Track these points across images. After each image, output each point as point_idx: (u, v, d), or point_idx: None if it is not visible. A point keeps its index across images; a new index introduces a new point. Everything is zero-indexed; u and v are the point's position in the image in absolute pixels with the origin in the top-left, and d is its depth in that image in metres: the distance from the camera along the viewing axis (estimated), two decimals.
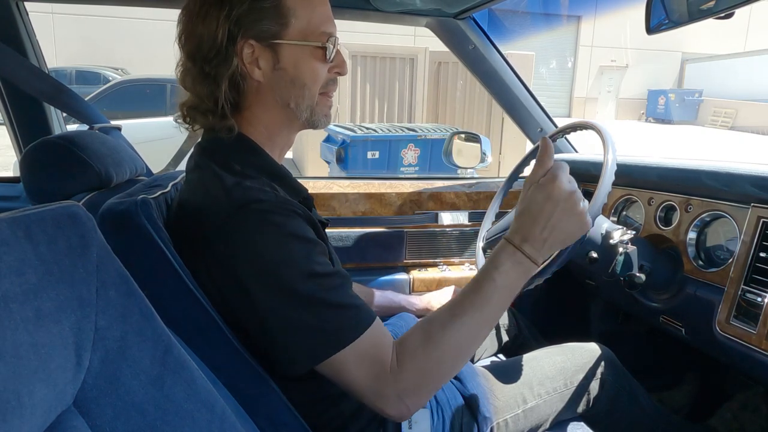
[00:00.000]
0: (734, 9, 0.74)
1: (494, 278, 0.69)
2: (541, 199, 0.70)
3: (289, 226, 0.65)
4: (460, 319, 0.67)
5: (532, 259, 0.70)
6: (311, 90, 0.74)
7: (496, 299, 0.69)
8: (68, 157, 0.83)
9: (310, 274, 0.64)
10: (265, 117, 0.75)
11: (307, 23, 0.72)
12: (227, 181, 0.68)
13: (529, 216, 0.71)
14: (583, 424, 0.98)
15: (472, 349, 0.69)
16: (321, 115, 0.77)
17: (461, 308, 0.68)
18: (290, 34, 0.71)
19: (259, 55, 0.71)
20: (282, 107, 0.75)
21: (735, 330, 0.92)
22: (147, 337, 0.43)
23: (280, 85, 0.73)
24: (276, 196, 0.67)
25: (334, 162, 5.08)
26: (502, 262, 0.70)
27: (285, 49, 0.72)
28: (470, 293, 0.70)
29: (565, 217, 0.70)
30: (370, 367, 0.64)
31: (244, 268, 0.63)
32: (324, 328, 0.63)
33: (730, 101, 16.43)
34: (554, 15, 18.16)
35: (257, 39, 0.70)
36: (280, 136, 0.78)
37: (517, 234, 0.71)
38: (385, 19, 1.46)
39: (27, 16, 1.32)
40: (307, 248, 0.65)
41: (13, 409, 0.31)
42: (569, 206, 0.70)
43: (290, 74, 0.73)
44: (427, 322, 0.69)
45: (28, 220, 0.37)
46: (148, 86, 5.81)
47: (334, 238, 1.43)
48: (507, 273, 0.70)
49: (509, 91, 1.54)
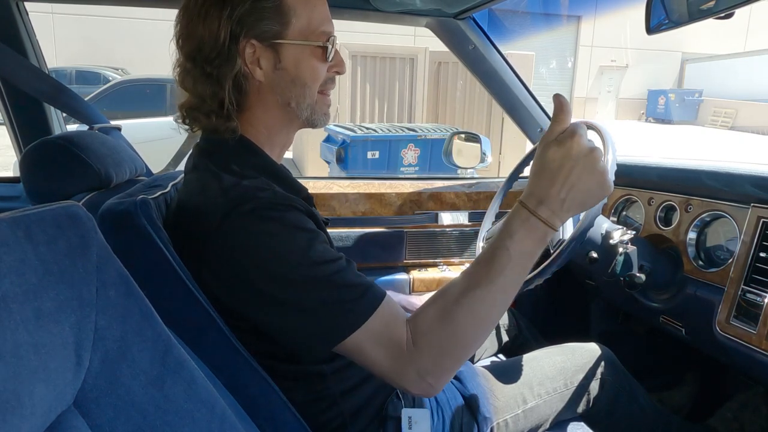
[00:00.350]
0: (734, 9, 0.74)
1: (508, 246, 0.64)
2: (560, 156, 0.65)
3: (288, 218, 0.65)
4: (474, 292, 0.63)
5: (548, 224, 0.65)
6: (311, 89, 0.75)
7: (511, 269, 0.64)
8: (68, 157, 0.83)
9: (314, 262, 0.63)
10: (266, 117, 0.75)
11: (308, 23, 0.72)
12: (225, 180, 0.68)
13: (546, 175, 0.65)
14: (583, 424, 0.98)
15: (490, 322, 0.66)
16: (320, 114, 0.78)
17: (475, 280, 0.64)
18: (291, 33, 0.72)
19: (260, 55, 0.71)
20: (282, 107, 0.75)
21: (735, 330, 0.92)
22: (147, 337, 0.43)
23: (281, 85, 0.73)
24: (274, 193, 0.67)
25: (334, 162, 5.08)
26: (516, 228, 0.65)
27: (286, 48, 0.72)
28: (483, 263, 0.65)
29: (585, 175, 0.64)
30: (386, 346, 0.63)
31: (247, 264, 0.63)
32: (335, 310, 0.62)
33: (730, 101, 16.43)
34: (554, 15, 18.15)
35: (259, 39, 0.70)
36: (279, 135, 0.78)
37: (533, 196, 0.66)
38: (385, 19, 1.46)
39: (27, 16, 1.32)
40: (308, 237, 0.65)
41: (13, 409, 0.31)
42: (590, 163, 0.65)
43: (291, 74, 0.73)
44: (440, 295, 0.65)
45: (28, 220, 0.37)
46: (148, 86, 5.81)
47: (334, 238, 1.43)
48: (522, 241, 0.64)
49: (509, 91, 1.54)
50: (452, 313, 0.63)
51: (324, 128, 5.40)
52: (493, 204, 1.25)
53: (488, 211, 1.25)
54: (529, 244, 0.65)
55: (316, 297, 0.62)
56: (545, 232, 0.65)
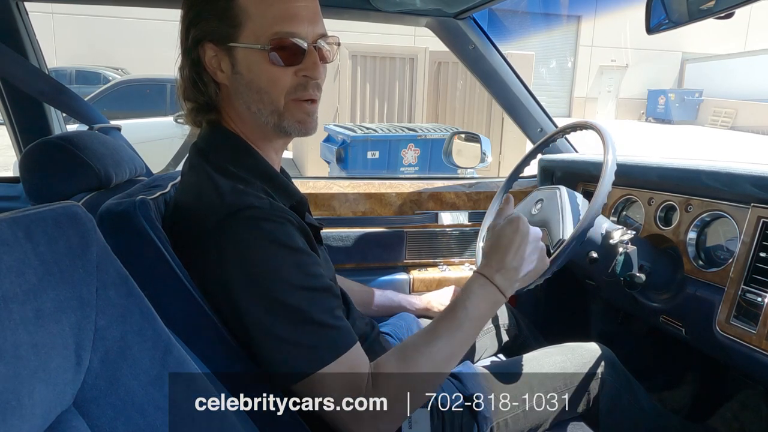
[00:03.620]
0: (734, 9, 0.74)
1: (466, 307, 0.74)
2: (510, 231, 0.79)
3: (281, 234, 0.65)
4: (434, 344, 0.70)
5: (501, 290, 0.76)
6: (271, 95, 0.70)
7: (467, 326, 0.73)
8: (68, 158, 0.83)
9: (297, 286, 0.64)
10: (239, 119, 0.74)
11: (260, 24, 0.68)
12: (221, 184, 0.68)
13: (499, 248, 0.78)
14: (583, 424, 0.98)
15: (445, 370, 0.72)
16: (293, 121, 0.72)
17: (435, 334, 0.71)
18: (243, 36, 0.69)
19: (221, 59, 0.71)
20: (247, 111, 0.73)
21: (735, 330, 0.92)
22: (147, 337, 0.43)
23: (239, 90, 0.71)
24: (270, 203, 0.67)
25: (334, 162, 5.08)
26: (474, 291, 0.76)
27: (239, 52, 0.69)
28: (444, 320, 0.74)
29: (530, 249, 0.79)
30: (345, 388, 0.64)
31: (233, 274, 0.63)
32: (303, 344, 0.63)
33: (730, 101, 16.42)
34: (554, 15, 18.14)
35: (214, 42, 0.70)
36: (260, 140, 0.75)
37: (488, 266, 0.77)
38: (385, 19, 1.46)
39: (27, 16, 1.32)
40: (296, 258, 0.65)
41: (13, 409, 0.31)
42: (534, 239, 0.80)
43: (246, 78, 0.70)
44: (402, 346, 0.71)
45: (28, 220, 0.37)
46: (148, 86, 5.81)
47: (334, 238, 1.43)
48: (478, 304, 0.75)
49: (509, 91, 1.54)
50: (412, 362, 0.68)
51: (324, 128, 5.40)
52: (493, 204, 1.24)
53: (488, 211, 1.25)
54: (484, 307, 0.76)
55: (287, 326, 0.63)
56: (498, 299, 0.77)
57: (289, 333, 0.62)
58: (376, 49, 6.57)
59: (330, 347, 0.64)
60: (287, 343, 0.63)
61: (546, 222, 1.07)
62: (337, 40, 0.75)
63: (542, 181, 1.59)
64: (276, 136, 0.75)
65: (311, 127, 0.74)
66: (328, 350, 0.64)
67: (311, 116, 0.73)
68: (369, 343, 0.87)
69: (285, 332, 0.62)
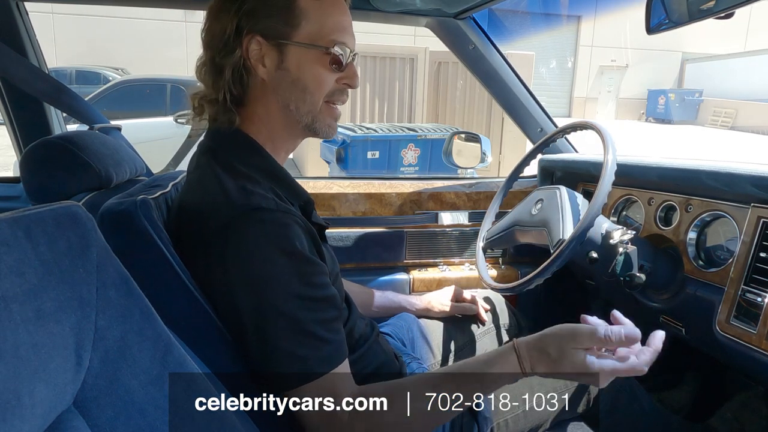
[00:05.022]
0: (734, 9, 0.74)
1: (483, 379, 0.69)
2: (581, 359, 0.67)
3: (287, 240, 0.65)
4: (426, 399, 0.66)
5: (525, 373, 0.69)
6: (313, 95, 0.74)
7: (467, 391, 0.67)
8: (68, 157, 0.83)
9: (296, 295, 0.64)
10: (267, 117, 0.75)
11: (319, 28, 0.72)
12: (229, 183, 0.68)
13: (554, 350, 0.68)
14: (583, 424, 0.98)
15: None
16: (324, 124, 0.76)
17: (431, 386, 0.67)
18: (299, 35, 0.71)
19: (265, 53, 0.71)
20: (283, 108, 0.74)
21: (735, 330, 0.92)
22: (147, 337, 0.43)
23: (282, 86, 0.73)
24: (277, 204, 0.67)
25: (334, 162, 5.08)
26: (504, 368, 0.69)
27: (290, 49, 0.72)
28: (447, 379, 0.69)
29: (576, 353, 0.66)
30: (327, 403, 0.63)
31: (234, 276, 0.63)
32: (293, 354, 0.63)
33: (730, 101, 16.42)
34: (554, 15, 18.15)
35: (265, 36, 0.71)
36: (281, 138, 0.77)
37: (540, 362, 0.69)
38: (385, 19, 1.46)
39: (27, 16, 1.32)
40: (300, 267, 0.65)
41: (13, 409, 0.31)
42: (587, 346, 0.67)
43: (292, 75, 0.73)
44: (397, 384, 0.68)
45: (28, 220, 0.37)
46: (148, 86, 5.81)
47: (334, 238, 1.43)
48: (497, 380, 0.69)
49: (509, 91, 1.54)
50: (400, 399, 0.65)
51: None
52: (493, 204, 1.25)
53: (488, 211, 1.25)
54: (499, 383, 0.69)
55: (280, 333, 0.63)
56: (516, 377, 0.69)
57: (281, 341, 0.63)
58: (376, 49, 6.56)
59: (320, 361, 0.64)
60: (278, 350, 0.63)
61: (546, 222, 1.07)
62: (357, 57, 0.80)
63: (542, 181, 1.59)
64: (300, 136, 0.79)
65: (336, 130, 0.80)
66: (317, 364, 0.64)
67: (337, 121, 0.79)
68: (369, 344, 0.87)
69: (277, 339, 0.63)
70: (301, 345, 0.64)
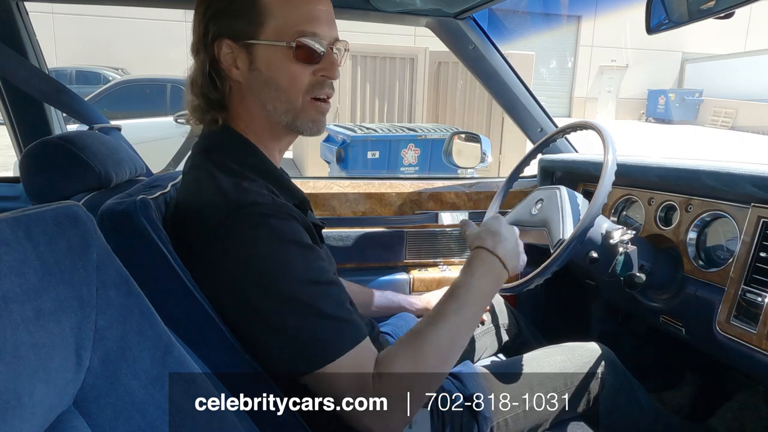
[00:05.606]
0: (734, 9, 0.74)
1: (471, 284, 0.74)
2: (495, 223, 0.85)
3: (287, 230, 0.65)
4: (440, 324, 0.69)
5: (504, 262, 0.78)
6: (288, 93, 0.72)
7: (473, 304, 0.73)
8: (68, 158, 0.83)
9: (306, 281, 0.63)
10: (249, 118, 0.75)
11: (284, 22, 0.69)
12: (224, 181, 0.68)
13: (490, 229, 0.82)
14: (583, 424, 0.98)
15: (452, 353, 0.70)
16: (307, 120, 0.74)
17: (440, 316, 0.70)
18: (265, 33, 0.70)
19: (237, 56, 0.71)
20: (261, 109, 0.73)
21: (735, 330, 0.92)
22: (147, 337, 0.43)
23: (256, 87, 0.72)
24: (273, 200, 0.67)
25: (334, 162, 5.08)
26: (476, 267, 0.77)
27: (259, 49, 0.70)
28: (447, 301, 0.73)
29: (514, 241, 0.84)
30: (355, 381, 0.63)
31: (240, 270, 0.63)
32: (314, 338, 0.62)
33: (730, 101, 16.42)
34: (554, 15, 18.14)
35: (233, 39, 0.70)
36: (268, 138, 0.76)
37: (485, 241, 0.80)
38: (385, 19, 1.46)
39: (27, 16, 1.32)
40: (303, 253, 0.65)
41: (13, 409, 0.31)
42: (515, 235, 0.85)
43: (264, 75, 0.71)
44: (409, 333, 0.70)
45: (28, 220, 0.37)
46: (148, 86, 5.81)
47: (334, 238, 1.43)
48: (482, 279, 0.76)
49: (509, 91, 1.54)
50: (420, 348, 0.67)
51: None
52: (493, 204, 1.25)
53: (488, 211, 1.25)
54: (489, 282, 0.77)
55: (298, 320, 0.62)
56: (501, 272, 0.78)
57: (300, 327, 0.62)
58: (376, 49, 6.56)
59: (342, 340, 0.63)
60: (298, 337, 0.62)
61: (546, 222, 1.07)
62: (347, 45, 0.77)
63: (542, 181, 1.59)
64: (285, 135, 0.77)
65: (323, 126, 0.76)
66: (340, 343, 0.63)
67: (324, 115, 0.76)
68: None
69: (296, 327, 0.62)
70: (321, 328, 0.63)
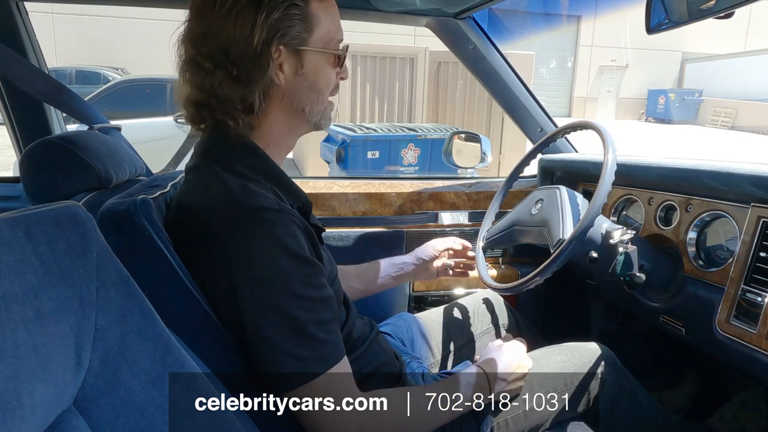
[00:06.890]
0: (734, 9, 0.74)
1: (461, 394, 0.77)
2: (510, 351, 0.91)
3: (290, 241, 0.65)
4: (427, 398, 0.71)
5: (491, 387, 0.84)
6: (324, 95, 0.76)
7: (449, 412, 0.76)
8: (68, 158, 0.83)
9: (299, 296, 0.64)
10: (278, 121, 0.75)
11: (327, 31, 0.74)
12: (230, 182, 0.68)
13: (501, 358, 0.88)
14: (583, 424, 0.98)
15: None
16: (327, 117, 0.79)
17: (431, 388, 0.75)
18: (314, 41, 0.73)
19: (283, 61, 0.71)
20: (296, 112, 0.76)
21: (735, 330, 0.92)
22: (147, 337, 0.43)
23: (298, 91, 0.74)
24: (279, 205, 0.67)
25: (334, 162, 5.08)
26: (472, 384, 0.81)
27: (308, 55, 0.73)
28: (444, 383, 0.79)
29: None
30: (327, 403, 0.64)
31: (238, 276, 0.63)
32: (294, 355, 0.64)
33: (730, 101, 16.42)
34: (554, 15, 18.14)
35: (285, 45, 0.71)
36: (287, 139, 0.79)
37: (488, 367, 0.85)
38: (385, 19, 1.46)
39: (27, 16, 1.32)
40: (302, 268, 0.66)
41: (13, 409, 0.31)
42: None
43: (309, 80, 0.74)
44: (398, 388, 0.76)
45: (28, 220, 0.37)
46: (148, 86, 5.81)
47: (334, 238, 1.43)
48: (469, 395, 0.79)
49: (509, 91, 1.54)
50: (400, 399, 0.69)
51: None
52: (493, 204, 1.25)
53: (488, 211, 1.25)
54: (469, 397, 0.80)
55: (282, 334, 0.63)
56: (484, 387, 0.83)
57: (283, 341, 0.63)
58: (376, 49, 6.56)
59: (318, 361, 0.65)
60: (281, 351, 0.63)
61: (546, 222, 1.07)
62: None
63: (542, 181, 1.59)
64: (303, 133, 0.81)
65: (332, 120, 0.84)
66: (315, 364, 0.65)
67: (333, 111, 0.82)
68: (368, 344, 0.87)
69: (280, 340, 0.63)
70: (299, 345, 0.64)
